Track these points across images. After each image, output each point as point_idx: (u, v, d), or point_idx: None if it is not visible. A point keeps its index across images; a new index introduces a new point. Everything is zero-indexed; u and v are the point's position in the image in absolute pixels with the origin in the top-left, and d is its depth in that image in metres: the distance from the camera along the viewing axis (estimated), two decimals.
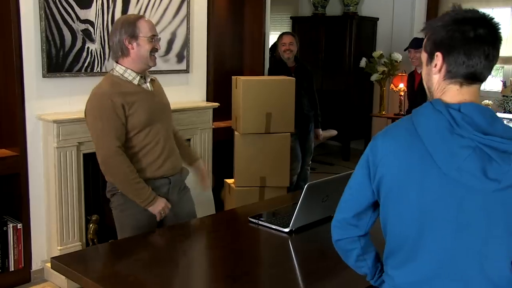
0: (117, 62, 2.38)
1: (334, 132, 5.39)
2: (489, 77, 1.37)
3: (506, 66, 6.06)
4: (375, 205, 1.46)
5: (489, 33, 1.28)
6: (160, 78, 3.91)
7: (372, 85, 6.93)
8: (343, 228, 1.49)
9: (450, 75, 1.33)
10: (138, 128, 2.34)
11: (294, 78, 4.07)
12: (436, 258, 1.32)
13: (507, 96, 4.49)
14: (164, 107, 2.51)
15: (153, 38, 2.36)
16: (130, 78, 2.36)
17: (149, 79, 2.45)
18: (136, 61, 2.34)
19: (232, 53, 4.92)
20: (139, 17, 2.38)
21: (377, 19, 7.00)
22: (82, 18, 3.43)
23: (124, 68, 2.36)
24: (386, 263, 1.46)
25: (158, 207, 2.35)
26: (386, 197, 1.38)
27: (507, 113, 4.14)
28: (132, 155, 2.36)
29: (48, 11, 3.25)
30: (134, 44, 2.32)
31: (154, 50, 2.37)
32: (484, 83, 1.38)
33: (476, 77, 1.32)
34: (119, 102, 2.28)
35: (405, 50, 5.30)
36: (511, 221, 1.29)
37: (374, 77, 6.54)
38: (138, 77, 2.37)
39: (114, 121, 2.27)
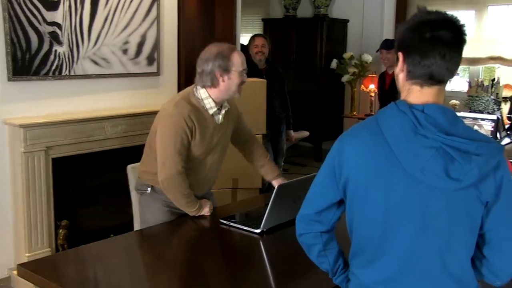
0: (202, 87, 2.41)
1: (306, 133, 5.42)
2: (456, 77, 1.40)
3: (471, 67, 6.19)
4: (340, 203, 1.47)
5: (447, 34, 1.30)
6: (130, 81, 3.93)
7: (343, 86, 6.99)
8: (306, 223, 1.51)
9: (410, 76, 1.35)
10: (189, 157, 2.39)
11: (265, 80, 4.09)
12: (401, 257, 1.34)
13: (472, 96, 4.57)
14: (223, 141, 2.53)
15: (243, 71, 2.40)
16: (207, 106, 2.39)
17: (223, 111, 2.46)
18: (223, 92, 2.38)
19: None
20: (232, 49, 2.40)
21: (348, 21, 7.07)
22: (48, 20, 3.37)
23: (207, 95, 2.39)
24: (351, 263, 1.48)
25: (205, 211, 2.44)
26: (352, 197, 1.40)
27: (472, 112, 4.22)
28: None
29: (12, 12, 3.18)
30: (226, 77, 2.35)
31: (242, 83, 2.40)
32: (449, 83, 1.40)
33: (434, 78, 1.33)
34: (188, 130, 2.34)
35: (377, 51, 5.36)
36: (471, 219, 1.32)
37: (345, 78, 6.61)
38: (215, 108, 2.41)
39: (183, 145, 2.34)
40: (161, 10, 4.06)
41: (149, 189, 2.49)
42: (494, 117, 3.58)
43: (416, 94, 1.35)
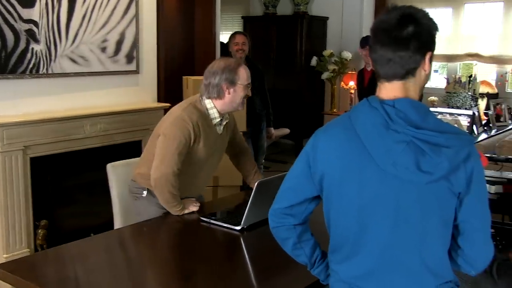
0: (207, 98, 2.49)
1: (286, 131, 5.44)
2: (435, 74, 1.41)
3: (449, 64, 6.27)
4: (314, 198, 1.48)
5: (394, 30, 1.31)
6: (109, 79, 3.89)
7: (323, 84, 7.03)
8: (279, 217, 1.52)
9: (375, 72, 1.39)
10: (188, 162, 2.44)
11: None
12: (377, 252, 1.36)
13: (450, 93, 4.64)
14: (221, 150, 2.64)
15: (248, 85, 2.50)
16: (212, 116, 2.49)
17: (224, 122, 2.56)
18: (228, 104, 2.47)
19: (183, 53, 4.89)
20: (239, 64, 2.50)
21: (327, 18, 7.10)
22: (25, 17, 3.32)
23: (212, 105, 2.48)
24: (330, 259, 1.49)
25: (189, 210, 2.46)
26: (328, 193, 1.41)
27: (451, 108, 4.28)
28: None
29: None
30: (231, 89, 2.44)
31: (246, 96, 2.50)
32: (429, 80, 1.42)
33: (386, 73, 1.35)
34: (193, 135, 2.41)
35: (361, 47, 5.37)
36: (444, 211, 1.33)
37: (325, 76, 6.65)
38: (218, 119, 2.51)
39: (185, 147, 2.40)
40: (139, 7, 4.04)
41: (145, 192, 2.52)
42: (470, 112, 3.64)
43: (384, 89, 1.38)
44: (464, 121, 3.56)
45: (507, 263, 1.77)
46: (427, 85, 1.44)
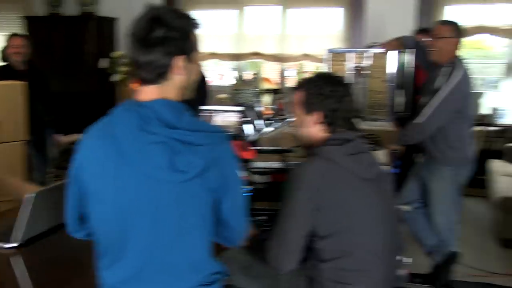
0: None
1: (77, 136, 5.20)
2: (228, 72, 1.42)
3: (239, 63, 6.65)
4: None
5: (143, 34, 1.32)
6: None
7: (116, 85, 6.88)
8: (79, 235, 1.51)
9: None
10: None
11: (25, 83, 3.82)
12: (140, 254, 1.35)
13: (236, 90, 4.91)
14: None
15: None
16: None
17: None
18: None
19: None
20: None
21: (117, 19, 6.96)
22: None
23: None
24: (98, 266, 1.45)
25: None
26: (90, 200, 1.38)
27: (237, 105, 4.51)
28: None
29: None
30: None
31: None
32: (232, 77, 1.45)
33: (141, 77, 1.36)
34: None
35: None
36: (201, 208, 1.36)
37: (115, 77, 6.52)
38: None
39: None
40: None
41: None
42: (240, 108, 3.92)
43: (142, 92, 1.37)
44: (234, 117, 3.77)
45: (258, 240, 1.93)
46: (219, 83, 1.47)
